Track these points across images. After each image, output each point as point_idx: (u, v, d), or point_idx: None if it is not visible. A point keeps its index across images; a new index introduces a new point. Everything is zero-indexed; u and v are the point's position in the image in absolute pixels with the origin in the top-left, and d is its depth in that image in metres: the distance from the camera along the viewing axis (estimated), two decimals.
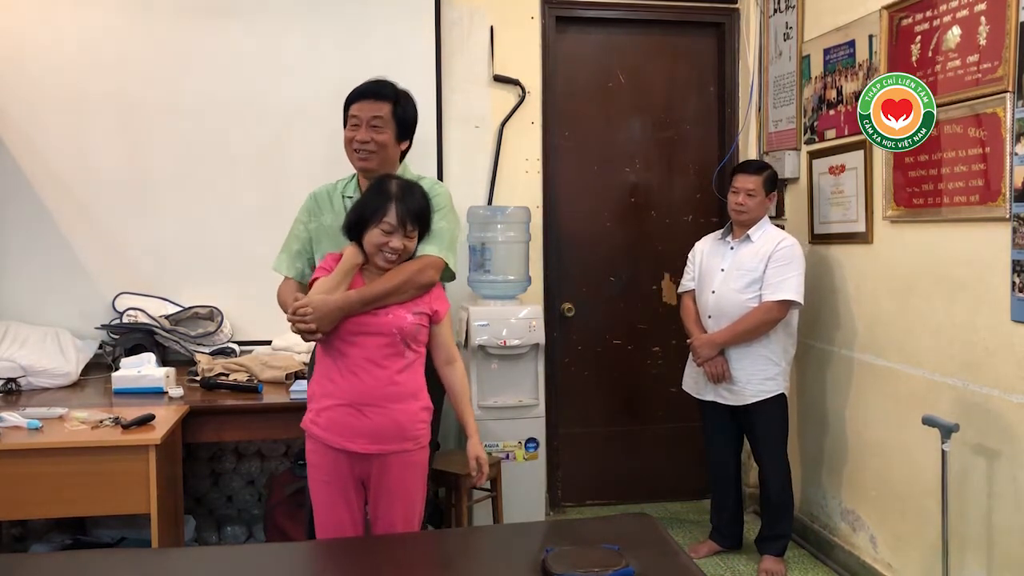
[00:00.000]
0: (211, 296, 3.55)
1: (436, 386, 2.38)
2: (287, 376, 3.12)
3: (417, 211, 2.23)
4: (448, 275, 2.45)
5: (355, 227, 2.25)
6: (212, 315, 3.52)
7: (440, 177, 3.73)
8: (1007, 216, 2.50)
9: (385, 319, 2.20)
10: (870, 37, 3.14)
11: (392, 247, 2.20)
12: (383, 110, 2.44)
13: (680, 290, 3.53)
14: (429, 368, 2.36)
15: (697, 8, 4.06)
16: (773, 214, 3.68)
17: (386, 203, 2.20)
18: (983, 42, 2.59)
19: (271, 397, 2.98)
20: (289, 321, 2.20)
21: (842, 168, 3.33)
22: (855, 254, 3.28)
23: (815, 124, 3.52)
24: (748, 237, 3.30)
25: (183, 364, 3.36)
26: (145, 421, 2.56)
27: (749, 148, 4.01)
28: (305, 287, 2.41)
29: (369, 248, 2.23)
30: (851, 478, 3.34)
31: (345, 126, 2.49)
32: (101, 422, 2.56)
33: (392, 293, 2.23)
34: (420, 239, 2.30)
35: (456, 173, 3.78)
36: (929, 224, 2.87)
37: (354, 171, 2.56)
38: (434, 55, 3.71)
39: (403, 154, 2.55)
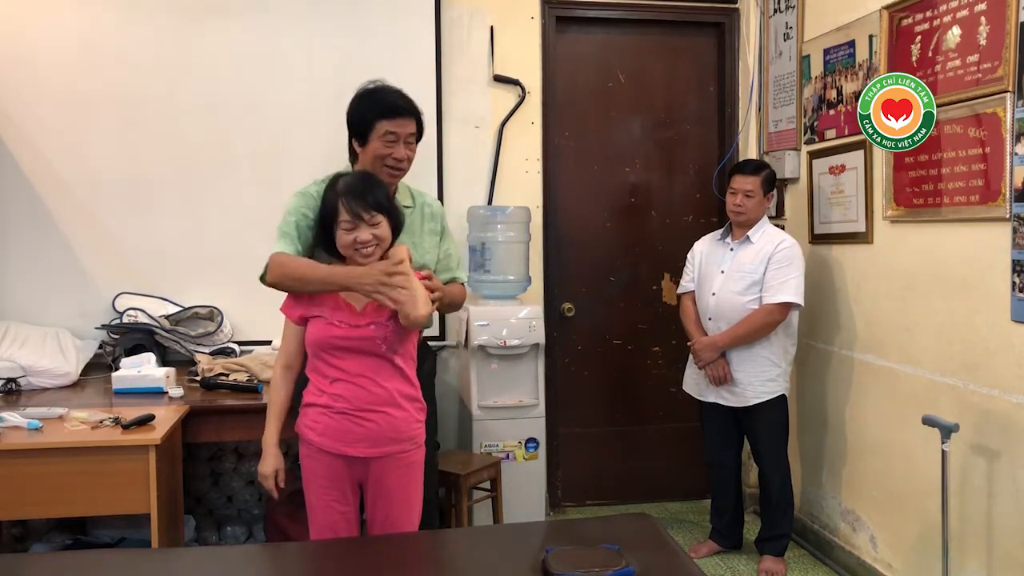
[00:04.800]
0: (211, 296, 3.55)
1: (430, 386, 2.38)
2: None
3: (371, 201, 2.16)
4: None
5: (324, 236, 2.22)
6: (212, 315, 3.52)
7: (440, 177, 3.73)
8: (1007, 216, 2.50)
9: (368, 331, 2.17)
10: (870, 37, 3.14)
11: (360, 240, 2.15)
12: (414, 127, 2.41)
13: (679, 291, 3.53)
14: (422, 371, 2.35)
15: (697, 8, 4.06)
16: (773, 214, 3.69)
17: (336, 202, 2.15)
18: (983, 42, 2.59)
19: None
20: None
21: (842, 168, 3.33)
22: (855, 254, 3.28)
23: (815, 124, 3.52)
24: (748, 238, 3.30)
25: (183, 364, 3.35)
26: (145, 421, 2.56)
27: (749, 148, 4.01)
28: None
29: (343, 250, 2.19)
30: (851, 478, 3.34)
31: (365, 139, 2.38)
32: (101, 422, 2.56)
33: (452, 307, 2.55)
34: (395, 228, 2.23)
35: (456, 173, 3.78)
36: (929, 224, 2.87)
37: (328, 176, 2.50)
38: (434, 55, 3.71)
39: None
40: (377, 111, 2.37)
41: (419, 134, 2.46)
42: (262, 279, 2.33)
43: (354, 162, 2.47)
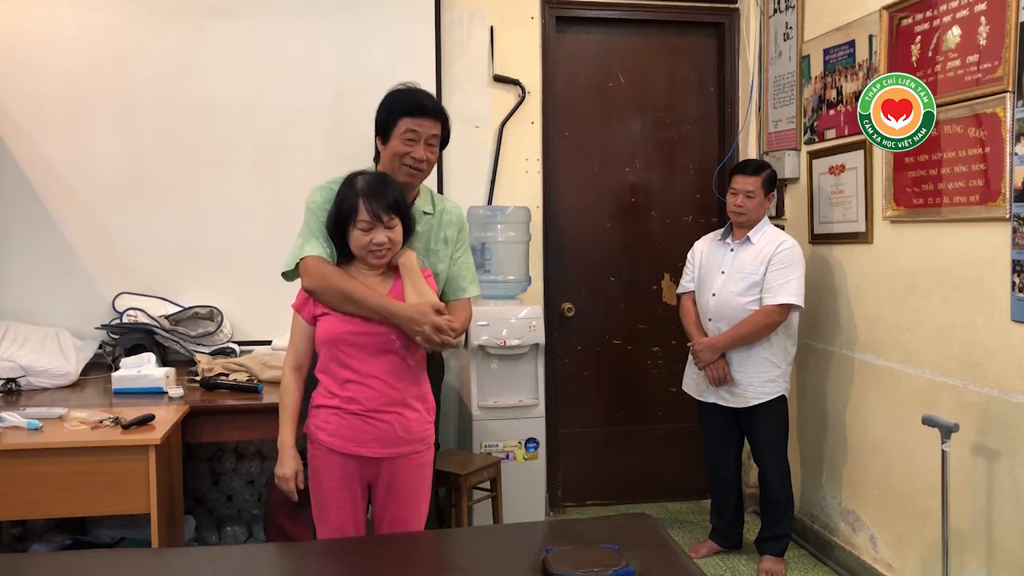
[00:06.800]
0: (211, 296, 3.55)
1: (434, 386, 2.38)
2: None
3: (390, 202, 2.16)
4: None
5: (335, 233, 2.21)
6: (212, 315, 3.52)
7: (440, 177, 3.73)
8: (1007, 216, 2.50)
9: (380, 327, 2.18)
10: (870, 37, 3.14)
11: (377, 242, 2.16)
12: (438, 129, 2.37)
13: (679, 291, 3.53)
14: (431, 374, 2.36)
15: (697, 8, 4.06)
16: (773, 214, 3.69)
17: (355, 201, 2.15)
18: (983, 42, 2.59)
19: (271, 397, 2.98)
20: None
21: (842, 168, 3.33)
22: (855, 254, 3.28)
23: (815, 124, 3.52)
24: (748, 239, 3.29)
25: (183, 364, 3.36)
26: (145, 421, 2.56)
27: (749, 148, 4.01)
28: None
29: (356, 250, 2.19)
30: (851, 478, 3.34)
31: (387, 135, 2.35)
32: (101, 422, 2.56)
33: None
34: (406, 230, 2.23)
35: (456, 173, 3.78)
36: (929, 224, 2.87)
37: (346, 175, 2.51)
38: (434, 55, 3.71)
39: None
40: (402, 108, 2.34)
41: (444, 139, 2.42)
42: (287, 276, 2.30)
43: (377, 161, 2.46)
